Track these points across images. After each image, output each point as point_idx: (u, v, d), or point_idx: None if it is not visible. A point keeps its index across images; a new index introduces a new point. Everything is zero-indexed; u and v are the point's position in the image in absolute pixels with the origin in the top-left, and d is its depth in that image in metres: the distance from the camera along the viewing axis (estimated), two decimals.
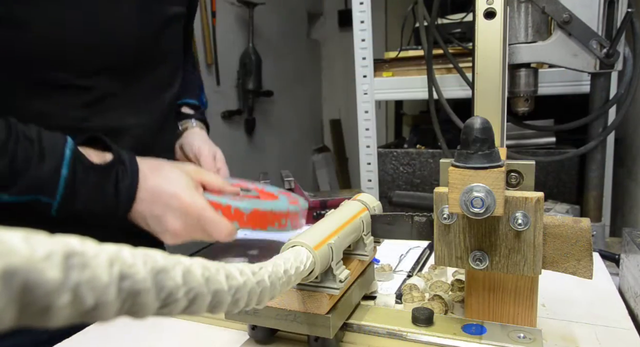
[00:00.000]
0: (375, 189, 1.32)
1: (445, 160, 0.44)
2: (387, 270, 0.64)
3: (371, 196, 0.55)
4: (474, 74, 0.48)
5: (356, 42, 1.26)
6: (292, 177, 1.15)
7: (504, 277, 0.49)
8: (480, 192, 0.37)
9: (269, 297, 0.31)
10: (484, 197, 0.37)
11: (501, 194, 0.38)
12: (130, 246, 0.20)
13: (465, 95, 1.18)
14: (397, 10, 2.80)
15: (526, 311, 0.48)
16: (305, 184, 3.45)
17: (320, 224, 0.46)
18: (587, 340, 0.48)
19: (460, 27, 1.25)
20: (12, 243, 0.15)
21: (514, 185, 0.44)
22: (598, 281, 0.62)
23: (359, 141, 1.32)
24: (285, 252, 0.38)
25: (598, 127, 0.85)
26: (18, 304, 0.15)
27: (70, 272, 0.16)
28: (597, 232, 0.87)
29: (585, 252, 0.43)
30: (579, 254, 0.44)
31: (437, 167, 1.28)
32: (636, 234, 0.62)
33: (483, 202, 0.37)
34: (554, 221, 0.44)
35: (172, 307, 0.21)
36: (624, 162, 1.25)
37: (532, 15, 0.80)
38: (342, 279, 0.43)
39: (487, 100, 0.48)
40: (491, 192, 0.37)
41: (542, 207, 0.41)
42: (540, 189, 0.43)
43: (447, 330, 0.47)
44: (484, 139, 0.38)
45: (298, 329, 0.45)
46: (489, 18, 0.47)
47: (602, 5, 0.77)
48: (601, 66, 0.79)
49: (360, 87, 1.28)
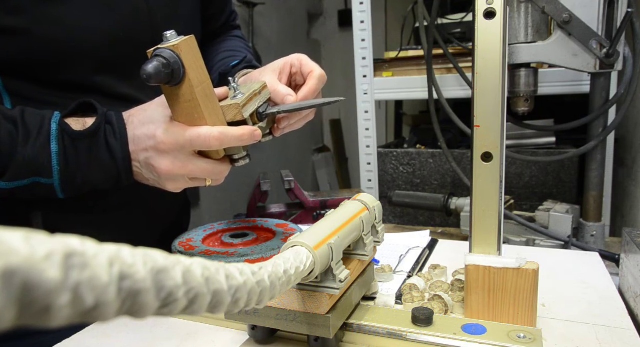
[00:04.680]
0: (375, 189, 1.32)
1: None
2: (387, 271, 0.64)
3: (371, 196, 0.55)
4: (474, 74, 0.48)
5: (356, 42, 1.26)
6: (292, 177, 1.15)
7: (504, 278, 0.49)
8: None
9: (269, 297, 0.31)
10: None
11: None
12: (130, 246, 0.20)
13: (465, 95, 1.18)
14: (397, 10, 2.80)
15: (526, 311, 0.48)
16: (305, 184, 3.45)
17: (320, 224, 0.46)
18: (587, 340, 0.48)
19: (460, 27, 1.25)
20: (12, 243, 0.15)
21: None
22: (598, 281, 0.62)
23: (359, 141, 1.32)
24: (285, 252, 0.38)
25: (598, 127, 0.85)
26: (18, 304, 0.15)
27: (70, 272, 0.16)
28: (597, 232, 0.87)
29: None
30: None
31: (437, 167, 1.28)
32: (636, 234, 0.62)
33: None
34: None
35: (172, 307, 0.21)
36: (624, 162, 1.25)
37: (532, 15, 0.80)
38: (342, 279, 0.43)
39: (487, 100, 0.48)
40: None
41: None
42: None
43: (447, 330, 0.47)
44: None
45: (298, 329, 0.45)
46: (489, 18, 0.47)
47: (602, 5, 0.77)
48: (601, 66, 0.79)
49: (360, 87, 1.28)
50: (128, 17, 0.65)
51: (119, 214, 0.70)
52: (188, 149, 0.55)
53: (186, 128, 0.54)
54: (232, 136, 0.54)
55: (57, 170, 0.55)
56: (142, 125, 0.56)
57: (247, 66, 0.78)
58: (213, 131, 0.54)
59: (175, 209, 0.85)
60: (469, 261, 0.50)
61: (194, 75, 0.53)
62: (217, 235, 0.74)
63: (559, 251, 0.76)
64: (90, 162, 0.56)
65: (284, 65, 0.67)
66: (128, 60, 0.66)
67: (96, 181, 0.58)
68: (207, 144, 0.54)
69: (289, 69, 0.67)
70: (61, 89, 0.62)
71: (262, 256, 0.62)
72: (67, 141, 0.55)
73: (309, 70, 0.65)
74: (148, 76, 0.49)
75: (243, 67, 0.78)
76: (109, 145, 0.56)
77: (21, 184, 0.54)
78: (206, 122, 0.54)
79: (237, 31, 0.97)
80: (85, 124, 0.57)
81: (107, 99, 0.64)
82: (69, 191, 0.57)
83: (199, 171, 0.56)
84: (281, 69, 0.67)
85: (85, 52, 0.62)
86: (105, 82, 0.65)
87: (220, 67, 0.81)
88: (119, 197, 0.68)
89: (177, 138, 0.54)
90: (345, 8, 3.45)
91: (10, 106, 0.60)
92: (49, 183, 0.55)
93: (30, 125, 0.54)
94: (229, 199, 2.42)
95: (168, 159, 0.55)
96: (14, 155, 0.52)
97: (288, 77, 0.67)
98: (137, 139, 0.56)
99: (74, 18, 0.60)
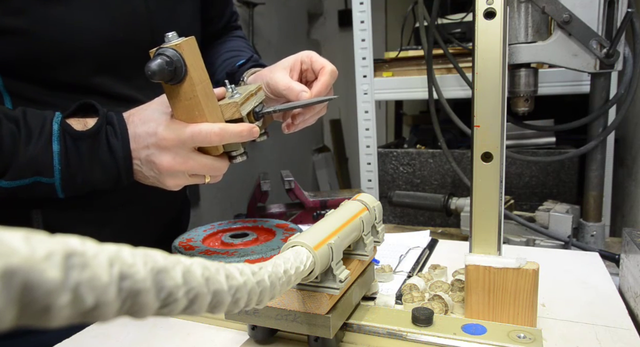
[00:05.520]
0: (375, 189, 1.32)
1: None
2: (387, 271, 0.64)
3: (371, 196, 0.55)
4: (474, 74, 0.48)
5: (356, 42, 1.26)
6: (292, 177, 1.15)
7: (504, 278, 0.49)
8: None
9: (269, 297, 0.31)
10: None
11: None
12: (131, 246, 0.20)
13: (465, 95, 1.18)
14: (397, 10, 2.80)
15: (526, 311, 0.48)
16: (305, 184, 3.45)
17: (320, 224, 0.46)
18: (587, 340, 0.48)
19: (460, 27, 1.25)
20: (12, 243, 0.15)
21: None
22: (598, 281, 0.62)
23: (359, 141, 1.32)
24: (285, 252, 0.38)
25: (598, 127, 0.85)
26: (18, 304, 0.15)
27: (70, 272, 0.16)
28: (597, 232, 0.87)
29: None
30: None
31: (437, 167, 1.28)
32: (636, 234, 0.62)
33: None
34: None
35: (172, 307, 0.21)
36: (624, 162, 1.25)
37: (532, 15, 0.80)
38: (342, 279, 0.43)
39: (487, 100, 0.48)
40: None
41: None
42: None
43: (447, 330, 0.47)
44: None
45: (298, 329, 0.45)
46: (489, 18, 0.47)
47: (602, 5, 0.77)
48: (601, 66, 0.79)
49: (360, 87, 1.28)
50: (127, 19, 0.65)
51: (119, 212, 0.70)
52: (189, 145, 0.56)
53: (187, 125, 0.55)
54: (232, 132, 0.56)
55: (58, 170, 0.55)
56: (143, 123, 0.57)
57: (254, 65, 0.79)
58: (214, 127, 0.55)
59: (175, 206, 0.85)
60: (469, 261, 0.50)
61: (195, 73, 0.54)
62: (217, 235, 0.74)
63: (559, 251, 0.76)
64: (91, 162, 0.57)
65: (294, 62, 0.68)
66: (127, 62, 0.67)
67: (96, 180, 0.58)
68: (208, 139, 0.55)
69: (300, 66, 0.68)
70: (61, 90, 0.63)
71: (262, 256, 0.62)
72: (68, 141, 0.55)
73: (320, 66, 0.66)
74: (152, 73, 0.50)
75: (251, 66, 0.78)
76: (110, 145, 0.57)
77: (22, 184, 0.54)
78: (206, 119, 0.55)
79: (239, 31, 0.98)
80: (86, 124, 0.57)
81: (106, 100, 0.64)
82: (69, 191, 0.57)
83: (199, 167, 0.57)
84: (291, 66, 0.68)
85: (85, 53, 0.62)
86: (104, 82, 0.65)
87: (227, 67, 0.81)
88: (120, 195, 0.69)
89: (178, 134, 0.55)
90: (345, 8, 3.45)
91: (11, 106, 0.61)
92: (50, 182, 0.56)
93: (32, 125, 0.54)
94: (229, 199, 2.42)
95: (169, 155, 0.56)
96: (16, 155, 0.53)
97: (299, 74, 0.68)
98: (138, 136, 0.57)
99: (74, 19, 0.60)
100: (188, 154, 0.56)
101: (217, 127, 0.55)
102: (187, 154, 0.56)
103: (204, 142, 0.55)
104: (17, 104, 0.60)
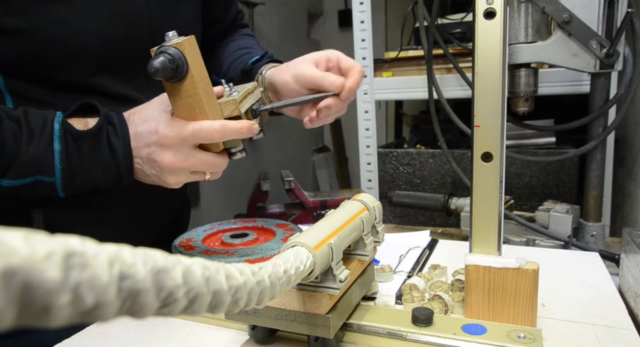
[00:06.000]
0: (375, 189, 1.32)
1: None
2: (387, 271, 0.64)
3: (371, 196, 0.55)
4: (474, 74, 0.48)
5: (356, 42, 1.26)
6: (292, 177, 1.15)
7: (504, 278, 0.49)
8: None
9: (269, 297, 0.31)
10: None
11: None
12: (131, 246, 0.20)
13: (465, 95, 1.18)
14: (397, 10, 2.80)
15: (526, 311, 0.48)
16: (305, 184, 3.45)
17: (320, 224, 0.46)
18: (587, 340, 0.48)
19: (460, 27, 1.25)
20: (12, 243, 0.15)
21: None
22: (598, 281, 0.62)
23: (359, 141, 1.32)
24: (285, 252, 0.38)
25: (598, 127, 0.85)
26: (18, 304, 0.15)
27: (70, 272, 0.16)
28: (597, 232, 0.87)
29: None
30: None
31: (437, 167, 1.28)
32: (636, 234, 0.62)
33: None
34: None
35: (172, 307, 0.21)
36: (624, 162, 1.25)
37: (532, 15, 0.80)
38: (342, 279, 0.43)
39: (487, 100, 0.48)
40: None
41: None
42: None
43: (447, 330, 0.47)
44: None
45: (298, 329, 0.45)
46: (489, 18, 0.47)
47: (602, 5, 0.77)
48: (601, 66, 0.79)
49: (360, 87, 1.28)
50: (128, 19, 0.66)
51: (119, 211, 0.71)
52: (190, 142, 0.56)
53: (188, 122, 0.56)
54: (232, 129, 0.56)
55: (59, 169, 0.55)
56: (144, 122, 0.58)
57: (270, 61, 0.80)
58: (215, 124, 0.56)
59: (175, 206, 0.85)
60: (469, 261, 0.50)
61: (196, 71, 0.55)
62: (217, 235, 0.74)
63: (559, 251, 0.76)
64: (92, 161, 0.57)
65: (320, 58, 0.70)
66: (128, 62, 0.67)
67: (97, 180, 0.58)
68: (209, 136, 0.56)
69: (325, 63, 0.70)
70: (62, 90, 0.63)
71: (262, 256, 0.62)
72: (69, 141, 0.56)
73: (349, 65, 0.69)
74: (155, 70, 0.51)
75: (267, 62, 0.79)
76: (111, 145, 0.57)
77: (23, 183, 0.55)
78: (207, 116, 0.56)
79: (246, 29, 0.98)
80: (87, 124, 0.58)
81: (107, 100, 0.64)
82: (70, 190, 0.58)
83: (200, 164, 0.58)
84: (318, 61, 0.69)
85: (86, 53, 0.62)
86: (105, 83, 0.66)
87: (240, 65, 0.82)
88: (120, 194, 0.69)
89: (179, 132, 0.56)
90: (345, 8, 3.45)
91: (12, 106, 0.61)
92: (51, 182, 0.56)
93: (34, 125, 0.55)
94: (228, 199, 2.42)
95: (170, 152, 0.57)
96: (17, 155, 0.53)
97: (324, 70, 0.70)
98: (139, 135, 0.58)
99: (75, 19, 0.60)
100: (189, 152, 0.57)
101: (218, 124, 0.56)
102: (188, 151, 0.57)
103: (206, 139, 0.56)
104: (18, 104, 0.61)
